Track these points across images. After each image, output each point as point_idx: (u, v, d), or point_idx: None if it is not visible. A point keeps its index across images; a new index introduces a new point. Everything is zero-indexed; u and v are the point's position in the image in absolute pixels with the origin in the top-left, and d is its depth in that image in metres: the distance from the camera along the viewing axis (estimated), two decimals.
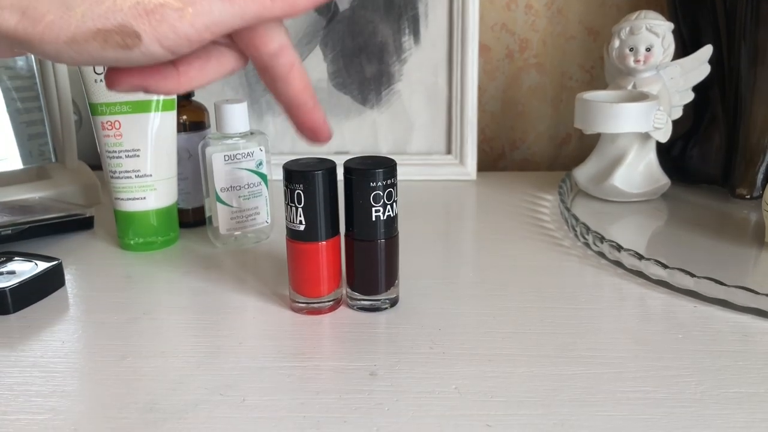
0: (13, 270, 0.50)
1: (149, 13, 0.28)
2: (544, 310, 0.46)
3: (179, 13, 0.28)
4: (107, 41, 0.28)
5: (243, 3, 0.30)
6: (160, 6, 0.28)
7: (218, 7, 0.29)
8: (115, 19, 0.28)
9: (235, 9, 0.30)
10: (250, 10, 0.30)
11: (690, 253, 0.55)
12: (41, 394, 0.37)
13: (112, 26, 0.28)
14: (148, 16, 0.28)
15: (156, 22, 0.28)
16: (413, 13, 0.77)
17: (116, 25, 0.28)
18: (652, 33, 0.65)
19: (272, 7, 0.31)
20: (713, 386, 0.37)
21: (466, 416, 0.35)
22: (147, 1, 0.28)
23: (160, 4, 0.28)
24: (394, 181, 0.43)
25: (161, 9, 0.28)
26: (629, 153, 0.67)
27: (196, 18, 0.29)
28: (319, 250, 0.44)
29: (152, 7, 0.28)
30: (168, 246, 0.59)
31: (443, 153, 0.80)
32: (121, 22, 0.28)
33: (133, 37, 0.28)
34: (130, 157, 0.55)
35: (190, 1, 0.29)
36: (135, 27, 0.28)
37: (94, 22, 0.28)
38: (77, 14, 0.28)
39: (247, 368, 0.39)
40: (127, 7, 0.28)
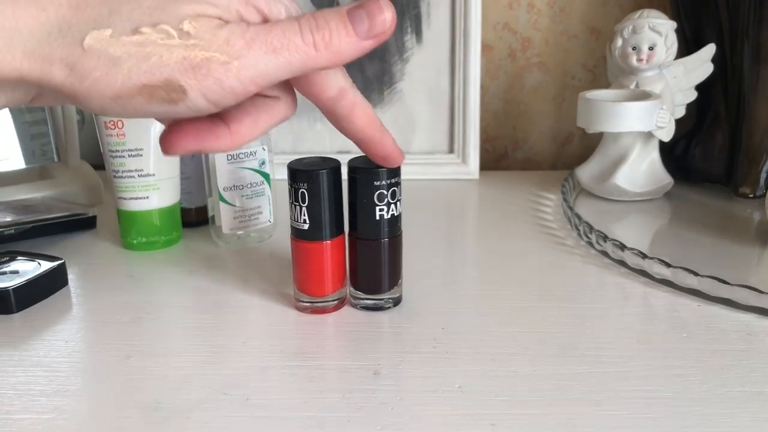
0: (17, 269, 0.50)
1: (195, 68, 0.28)
2: (548, 309, 0.46)
3: (225, 67, 0.29)
4: (152, 96, 0.29)
5: (288, 55, 0.30)
6: (206, 60, 0.28)
7: (264, 59, 0.29)
8: (161, 74, 0.28)
9: (280, 61, 0.30)
10: (296, 62, 0.30)
11: (693, 252, 0.55)
12: (45, 393, 0.37)
13: (158, 81, 0.28)
14: (194, 71, 0.28)
15: (202, 76, 0.28)
16: (415, 12, 0.77)
17: (162, 81, 0.28)
18: (654, 32, 0.65)
19: (317, 58, 0.31)
20: (717, 385, 0.37)
21: (470, 415, 0.35)
22: (193, 56, 0.28)
23: (206, 58, 0.28)
24: (398, 180, 0.43)
25: (207, 63, 0.28)
26: (632, 152, 0.67)
27: (241, 71, 0.29)
28: (323, 249, 0.44)
29: (198, 61, 0.28)
30: (171, 245, 0.59)
31: (445, 152, 0.80)
32: (167, 78, 0.28)
33: (178, 92, 0.29)
34: (132, 156, 0.55)
35: (236, 54, 0.29)
36: (181, 82, 0.28)
37: (140, 77, 0.28)
38: (123, 70, 0.28)
39: (250, 367, 0.39)
40: (173, 62, 0.28)
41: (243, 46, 0.29)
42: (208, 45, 0.29)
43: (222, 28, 0.29)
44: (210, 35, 0.29)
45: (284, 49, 0.30)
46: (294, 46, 0.30)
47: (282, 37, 0.30)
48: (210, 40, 0.29)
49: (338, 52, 0.31)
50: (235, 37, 0.29)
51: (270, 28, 0.30)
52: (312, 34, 0.30)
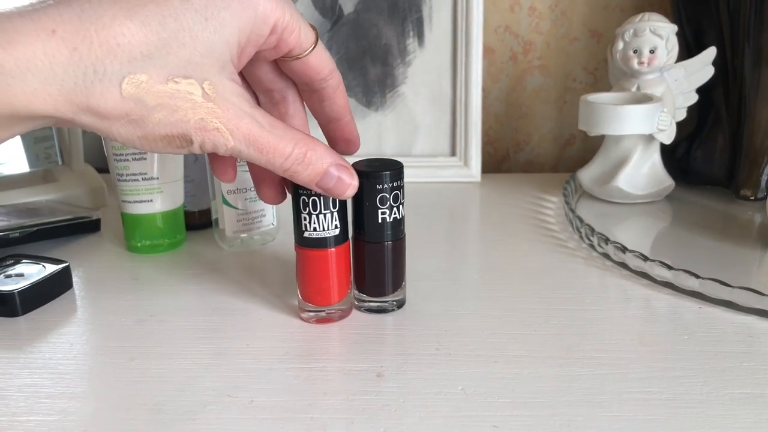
0: (22, 272, 0.50)
1: (207, 131, 0.34)
2: (550, 312, 0.46)
3: (225, 142, 0.34)
4: (170, 143, 0.34)
5: (266, 161, 0.36)
6: (216, 130, 0.34)
7: (248, 150, 0.35)
8: (181, 129, 0.33)
9: (260, 159, 0.36)
10: (267, 165, 0.36)
11: (694, 254, 0.55)
12: (51, 395, 0.37)
13: (177, 133, 0.33)
14: (205, 133, 0.34)
15: (207, 138, 0.34)
16: (417, 16, 0.77)
17: (180, 134, 0.33)
18: (655, 35, 0.65)
19: (279, 172, 0.37)
20: (719, 387, 0.37)
21: (473, 417, 0.35)
22: (209, 121, 0.34)
23: (216, 128, 0.34)
24: (400, 183, 0.43)
25: (215, 132, 0.34)
26: (633, 155, 0.67)
27: (231, 150, 0.35)
28: (328, 256, 0.43)
29: (210, 128, 0.34)
30: (174, 248, 0.59)
31: (447, 155, 0.80)
32: (184, 132, 0.33)
33: (188, 143, 0.34)
34: (136, 159, 0.56)
35: (236, 137, 0.34)
36: (192, 137, 0.34)
37: (165, 128, 0.33)
38: (155, 119, 0.32)
39: (254, 370, 0.40)
40: (193, 120, 0.33)
41: (243, 135, 0.35)
42: (221, 115, 0.34)
43: (234, 106, 0.34)
44: (225, 106, 0.34)
45: (266, 156, 0.36)
46: (275, 160, 0.36)
47: (272, 149, 0.36)
48: (224, 112, 0.34)
49: (296, 181, 0.38)
50: (242, 124, 0.34)
51: (269, 131, 0.36)
52: (292, 164, 0.37)
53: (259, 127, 0.35)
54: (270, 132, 0.35)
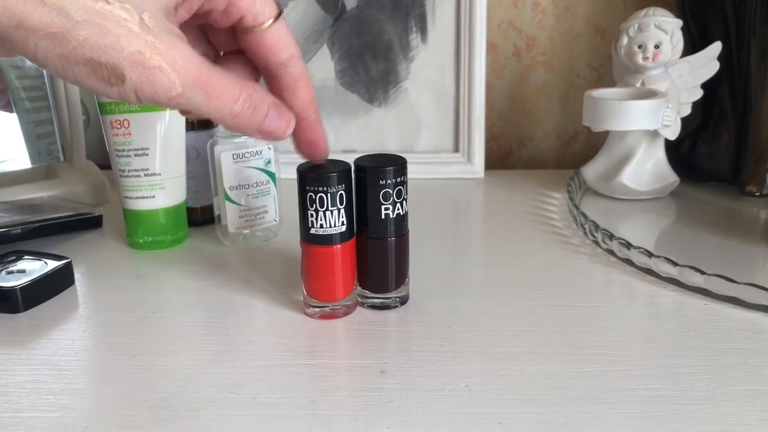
0: (23, 269, 0.50)
1: (146, 69, 0.29)
2: (554, 308, 0.46)
3: (168, 85, 0.30)
4: (95, 72, 0.29)
5: (214, 108, 0.32)
6: (157, 68, 0.29)
7: (196, 97, 0.31)
8: (111, 57, 0.29)
9: (208, 107, 0.32)
10: (215, 115, 0.33)
11: (699, 250, 0.55)
12: (53, 392, 0.37)
13: (105, 61, 0.29)
14: (144, 70, 0.29)
15: (145, 78, 0.29)
16: (420, 11, 0.77)
17: (109, 63, 0.29)
18: (660, 30, 0.65)
19: (228, 123, 0.33)
20: (725, 384, 0.37)
21: (477, 414, 0.35)
22: (149, 56, 0.29)
23: (158, 66, 0.29)
24: (404, 179, 0.43)
25: (157, 71, 0.29)
26: (638, 151, 0.67)
27: (177, 97, 0.30)
28: (334, 253, 0.43)
29: (151, 64, 0.29)
30: (177, 245, 0.59)
31: (451, 151, 0.80)
32: (115, 63, 0.29)
33: (118, 78, 0.29)
34: (139, 155, 0.55)
35: (182, 80, 0.30)
36: (124, 72, 0.29)
37: (92, 51, 0.28)
38: (79, 37, 0.28)
39: (257, 366, 0.39)
40: (128, 51, 0.29)
41: (193, 77, 0.30)
42: (165, 53, 0.29)
43: (180, 43, 0.30)
44: (169, 42, 0.30)
45: (215, 102, 0.32)
46: (224, 106, 0.32)
47: (221, 94, 0.32)
48: (168, 49, 0.30)
49: (240, 128, 0.34)
50: (191, 63, 0.30)
51: (217, 77, 0.32)
52: (242, 109, 0.33)
53: (207, 68, 0.31)
54: (218, 73, 0.32)
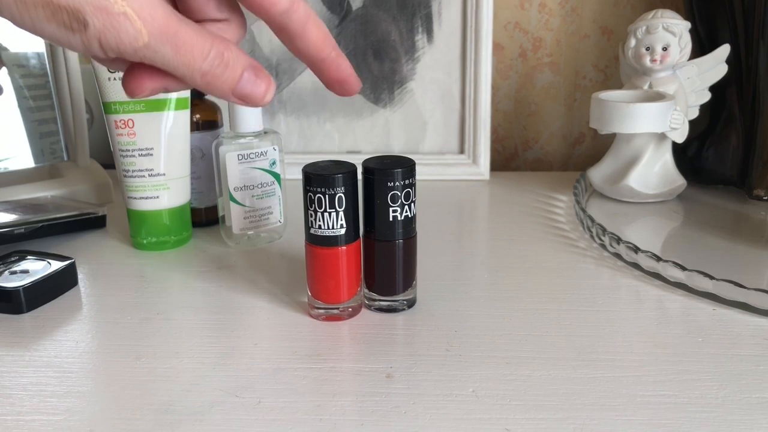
0: (27, 269, 0.49)
1: (109, 14, 0.27)
2: (561, 312, 0.46)
3: (134, 35, 0.28)
4: (54, 16, 0.27)
5: (182, 63, 0.30)
6: (122, 15, 0.27)
7: (163, 50, 0.29)
8: (72, 1, 0.27)
9: (175, 61, 0.30)
10: (183, 71, 0.30)
11: (707, 254, 0.55)
12: (56, 394, 0.37)
13: (66, 5, 0.27)
14: (108, 17, 0.27)
15: (110, 25, 0.27)
16: (426, 12, 0.76)
17: (70, 6, 0.27)
18: (668, 32, 0.64)
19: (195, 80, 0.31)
20: (735, 391, 0.36)
21: (485, 420, 0.34)
22: (114, 1, 0.27)
23: (123, 12, 0.27)
24: (412, 181, 0.42)
25: (122, 18, 0.27)
26: (645, 153, 0.66)
27: (143, 49, 0.28)
28: (335, 254, 0.43)
29: (116, 11, 0.27)
30: (181, 245, 0.59)
31: (456, 152, 0.79)
32: (76, 7, 0.27)
33: (80, 24, 0.27)
34: (143, 156, 0.55)
35: (149, 29, 0.28)
36: (87, 16, 0.27)
37: None
38: None
39: (262, 369, 0.39)
40: None
41: (160, 27, 0.28)
42: (131, 0, 0.27)
43: None
44: None
45: (183, 57, 0.29)
46: (193, 61, 0.30)
47: (190, 48, 0.30)
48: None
49: (212, 89, 0.32)
50: (158, 12, 0.28)
51: (186, 29, 0.29)
52: (211, 67, 0.31)
53: (176, 20, 0.29)
54: (186, 25, 0.29)
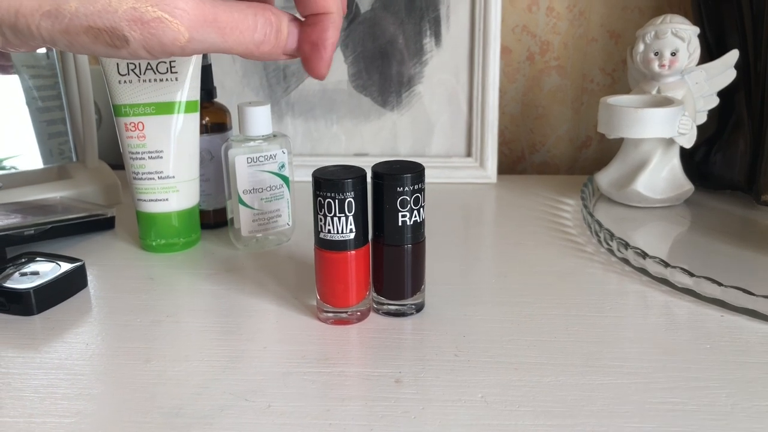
0: (37, 271, 0.50)
1: (144, 23, 0.28)
2: (569, 318, 0.46)
3: (175, 35, 0.29)
4: (97, 39, 0.28)
5: (233, 42, 0.30)
6: (157, 20, 0.28)
7: (211, 37, 0.30)
8: (107, 20, 0.28)
9: (226, 44, 0.30)
10: (238, 49, 0.31)
11: (714, 260, 0.55)
12: (67, 396, 0.37)
13: (103, 26, 0.28)
14: (142, 26, 0.28)
15: (148, 33, 0.28)
16: (435, 15, 0.76)
17: (106, 27, 0.28)
18: (677, 37, 0.64)
19: (254, 54, 0.32)
20: (744, 399, 0.36)
21: (494, 426, 0.34)
22: (144, 11, 0.28)
23: (156, 17, 0.28)
24: (421, 186, 0.42)
25: (158, 23, 0.28)
26: (653, 158, 0.66)
27: (188, 45, 0.29)
28: (344, 259, 0.43)
29: (149, 18, 0.28)
30: (190, 247, 0.59)
31: (463, 155, 0.79)
32: (112, 25, 0.28)
33: (121, 40, 0.28)
34: (153, 158, 0.55)
35: (187, 24, 0.29)
36: (125, 32, 0.28)
37: (86, 19, 0.28)
38: (70, 8, 0.28)
39: (272, 373, 0.39)
40: (122, 10, 0.28)
41: (196, 18, 0.29)
42: (160, 2, 0.28)
43: None
44: None
45: (232, 36, 0.30)
46: (243, 38, 0.30)
47: (235, 26, 0.30)
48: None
49: (272, 56, 0.32)
50: (190, 5, 0.29)
51: (224, 10, 0.30)
52: (265, 35, 0.31)
53: (211, 3, 0.29)
54: (225, 5, 0.30)
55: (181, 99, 0.55)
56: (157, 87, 0.54)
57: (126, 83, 0.54)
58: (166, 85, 0.54)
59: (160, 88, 0.54)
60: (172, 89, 0.54)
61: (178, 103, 0.55)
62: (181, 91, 0.55)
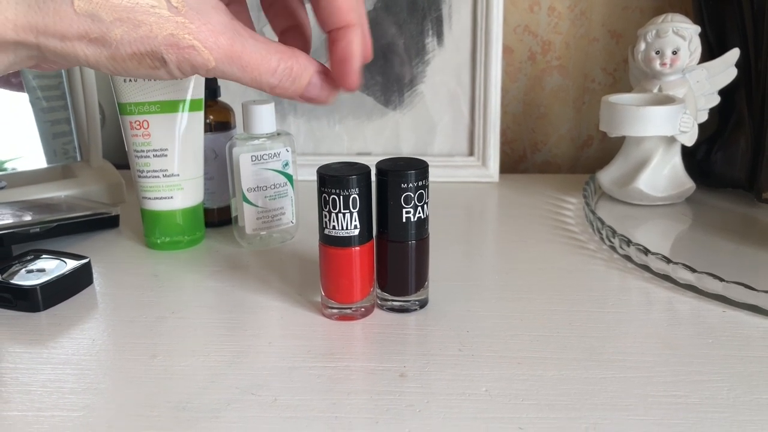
0: (43, 268, 0.50)
1: (180, 49, 0.31)
2: (572, 314, 0.46)
3: (204, 61, 0.32)
4: (141, 63, 0.32)
5: (251, 78, 0.33)
6: (190, 47, 0.31)
7: (232, 70, 0.33)
8: (149, 45, 0.31)
9: (245, 78, 0.33)
10: (255, 84, 0.34)
11: (715, 257, 0.55)
12: (75, 391, 0.38)
13: (145, 51, 0.31)
14: (178, 50, 0.31)
15: (183, 57, 0.32)
16: (437, 15, 0.77)
17: (148, 51, 0.31)
18: (678, 36, 0.64)
19: (270, 90, 0.35)
20: (745, 392, 0.37)
21: (498, 419, 0.35)
22: (181, 37, 0.31)
23: (191, 45, 0.31)
24: (425, 182, 0.43)
25: (191, 50, 0.31)
26: (654, 156, 0.66)
27: (213, 70, 0.33)
28: (348, 255, 0.43)
29: (185, 45, 0.31)
30: (194, 245, 0.59)
31: (465, 155, 0.80)
32: (153, 49, 0.31)
33: (161, 62, 0.32)
34: (157, 156, 0.56)
35: (216, 55, 0.32)
36: (163, 54, 0.31)
37: (131, 46, 0.31)
38: (116, 35, 0.30)
39: (277, 368, 0.39)
40: (162, 36, 0.31)
41: (224, 52, 0.32)
42: (197, 31, 0.31)
43: (214, 17, 0.32)
44: (199, 20, 0.31)
45: (251, 74, 0.33)
46: (261, 77, 0.34)
47: (257, 66, 0.33)
48: (199, 27, 0.31)
49: (282, 97, 0.36)
50: (221, 39, 0.32)
51: (251, 50, 0.33)
52: (280, 80, 0.34)
53: (241, 43, 0.32)
54: (253, 46, 0.33)
55: (185, 97, 0.55)
56: (162, 85, 0.54)
57: (131, 82, 0.54)
58: (170, 84, 0.54)
59: (165, 86, 0.54)
60: (176, 88, 0.55)
61: (182, 102, 0.55)
62: (185, 90, 0.55)
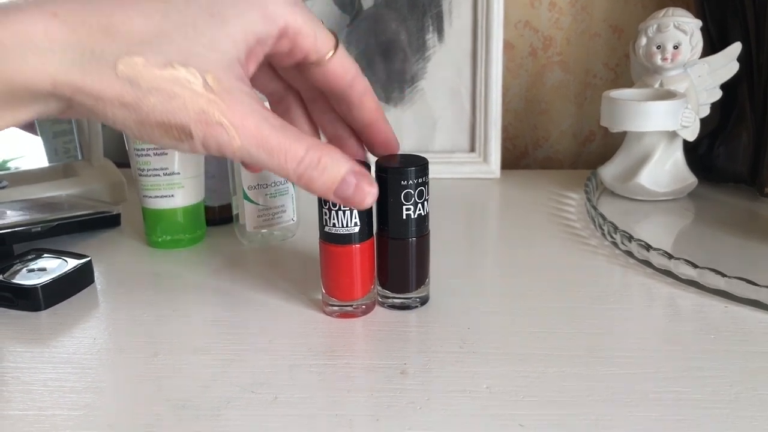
0: (44, 267, 0.50)
1: (209, 125, 0.31)
2: (573, 310, 0.46)
3: (230, 141, 0.32)
4: (167, 133, 0.32)
5: (277, 165, 0.33)
6: (219, 125, 0.31)
7: (257, 153, 0.33)
8: (179, 118, 0.31)
9: (270, 163, 0.33)
10: (278, 171, 0.34)
11: (718, 252, 0.55)
12: (75, 390, 0.38)
13: (174, 123, 0.31)
14: (207, 127, 0.31)
15: (210, 134, 0.32)
16: (437, 11, 0.76)
17: (177, 123, 0.31)
18: (680, 30, 0.64)
19: (293, 179, 0.34)
20: (748, 388, 0.36)
21: (499, 416, 0.35)
22: (212, 114, 0.31)
23: (219, 123, 0.31)
24: (425, 179, 0.43)
25: (219, 128, 0.32)
26: (656, 151, 0.66)
27: (238, 151, 0.32)
28: (349, 252, 0.43)
29: (213, 122, 0.31)
30: (195, 243, 0.59)
31: (467, 151, 0.79)
32: (183, 123, 0.31)
33: (187, 135, 0.32)
34: (158, 155, 0.56)
35: (242, 135, 0.32)
36: (191, 129, 0.31)
37: (162, 116, 0.31)
38: (150, 103, 0.31)
39: (278, 366, 0.39)
40: (193, 111, 0.31)
41: (251, 134, 0.32)
42: (226, 111, 0.31)
43: (245, 100, 0.32)
44: (231, 101, 0.32)
45: (276, 159, 0.33)
46: (286, 164, 0.33)
47: (283, 153, 0.33)
48: (229, 107, 0.32)
49: (312, 189, 0.35)
50: (249, 121, 0.32)
51: (278, 136, 0.33)
52: (306, 169, 0.34)
53: (269, 127, 0.33)
54: (281, 132, 0.33)
55: None
56: None
57: None
58: None
59: None
60: None
61: None
62: None
